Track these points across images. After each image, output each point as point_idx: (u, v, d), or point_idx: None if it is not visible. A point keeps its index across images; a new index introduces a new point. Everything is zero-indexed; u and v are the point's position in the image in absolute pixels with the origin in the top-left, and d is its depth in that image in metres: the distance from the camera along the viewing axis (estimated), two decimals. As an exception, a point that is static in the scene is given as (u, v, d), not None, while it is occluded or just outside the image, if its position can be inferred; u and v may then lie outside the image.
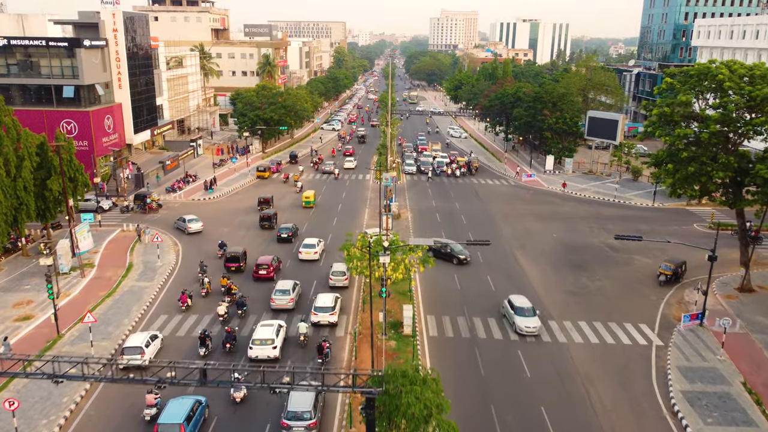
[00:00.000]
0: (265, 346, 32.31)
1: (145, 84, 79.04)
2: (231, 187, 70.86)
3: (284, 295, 38.83)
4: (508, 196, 69.86)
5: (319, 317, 36.36)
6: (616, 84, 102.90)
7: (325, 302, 36.92)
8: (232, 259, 44.99)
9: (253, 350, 32.29)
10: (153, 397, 27.55)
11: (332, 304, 36.83)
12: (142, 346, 31.71)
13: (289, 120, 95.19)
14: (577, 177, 79.46)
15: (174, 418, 25.65)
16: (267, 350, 32.22)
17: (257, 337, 32.65)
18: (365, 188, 73.06)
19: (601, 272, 46.64)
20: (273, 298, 38.81)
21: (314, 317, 36.38)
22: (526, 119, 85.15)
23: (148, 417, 27.41)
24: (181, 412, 25.98)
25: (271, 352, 32.23)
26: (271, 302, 38.75)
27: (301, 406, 26.37)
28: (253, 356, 32.21)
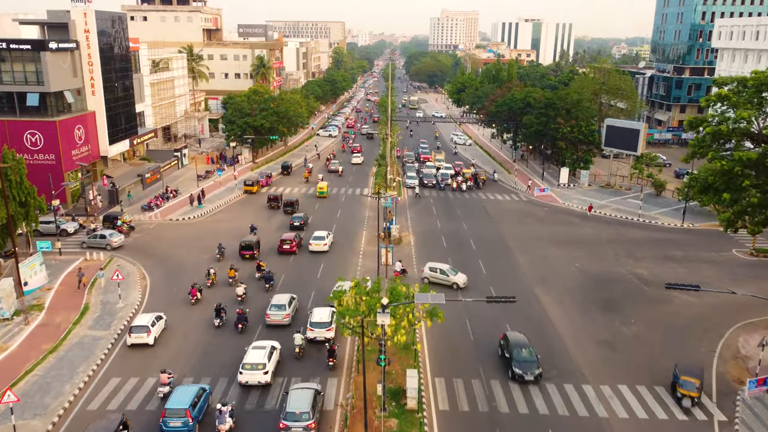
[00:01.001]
0: (255, 371, 30.70)
1: (123, 89, 72.36)
2: (214, 204, 64.15)
3: (280, 310, 37.59)
4: (520, 214, 63.21)
5: (316, 333, 34.86)
6: (632, 88, 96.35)
7: (322, 317, 35.52)
8: (247, 247, 48.27)
9: (243, 375, 30.74)
10: (167, 376, 30.24)
11: (329, 320, 35.21)
12: (148, 325, 34.63)
13: (281, 127, 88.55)
14: (594, 191, 72.81)
15: (180, 404, 27.27)
16: (258, 376, 30.67)
17: (248, 362, 30.98)
18: (362, 205, 66.33)
19: (636, 313, 40.00)
20: (268, 313, 37.67)
21: (310, 333, 34.89)
22: (537, 127, 78.55)
23: (161, 394, 29.81)
24: (187, 399, 27.62)
25: (262, 378, 30.68)
26: (266, 318, 37.57)
27: (299, 407, 26.46)
28: (243, 381, 30.78)
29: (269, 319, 37.34)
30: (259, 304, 39.94)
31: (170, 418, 26.77)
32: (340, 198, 68.90)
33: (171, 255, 48.96)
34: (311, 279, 45.13)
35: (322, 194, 68.76)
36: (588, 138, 74.51)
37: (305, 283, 43.99)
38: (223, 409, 26.83)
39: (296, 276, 45.76)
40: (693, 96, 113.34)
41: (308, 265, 47.89)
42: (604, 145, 74.56)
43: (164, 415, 26.99)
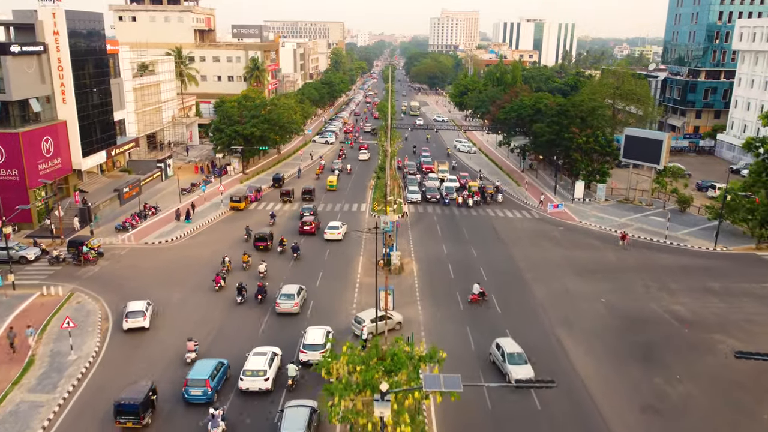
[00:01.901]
0: (256, 377, 30.50)
1: (100, 96, 66.33)
2: (195, 224, 58.10)
3: (289, 299, 39.30)
4: (534, 235, 57.21)
5: (309, 356, 32.84)
6: (648, 93, 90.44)
7: (315, 339, 33.60)
8: (260, 239, 51.22)
9: (244, 382, 30.56)
10: (193, 344, 33.42)
11: (322, 341, 33.32)
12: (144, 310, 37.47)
13: (273, 136, 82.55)
14: (612, 207, 66.83)
15: (201, 375, 29.85)
16: (258, 382, 30.49)
17: (248, 368, 30.78)
18: (359, 224, 60.30)
19: (680, 366, 34.03)
20: (278, 302, 39.37)
21: (303, 356, 33.01)
22: (548, 136, 72.59)
23: (189, 360, 32.84)
24: (207, 370, 30.20)
25: (263, 384, 30.49)
26: (276, 306, 39.36)
27: (294, 426, 25.87)
28: (244, 388, 30.56)
29: (279, 307, 39.22)
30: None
31: (192, 387, 29.63)
32: (334, 216, 62.91)
33: (140, 289, 42.92)
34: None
35: (332, 188, 74.34)
36: (605, 149, 68.56)
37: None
38: (215, 413, 27.14)
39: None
40: (709, 100, 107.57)
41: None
42: (623, 157, 68.54)
43: (186, 384, 29.75)
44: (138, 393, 27.98)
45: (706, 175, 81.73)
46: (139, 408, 27.17)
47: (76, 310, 39.34)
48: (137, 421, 27.27)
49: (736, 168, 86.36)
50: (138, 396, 27.68)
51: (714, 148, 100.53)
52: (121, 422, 27.40)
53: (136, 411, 27.17)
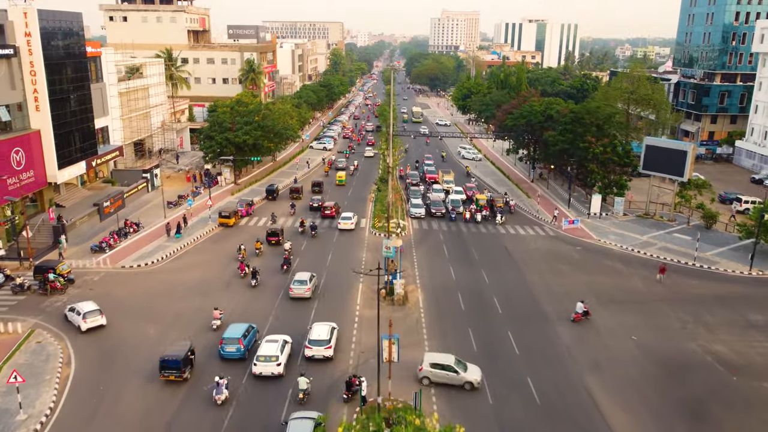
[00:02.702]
0: (269, 362, 32.10)
1: (79, 102, 61.40)
2: (178, 245, 53.11)
3: (302, 285, 42.15)
4: (550, 256, 52.24)
5: (314, 351, 34.19)
6: (664, 98, 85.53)
7: (320, 335, 34.64)
8: (272, 234, 53.43)
9: (258, 367, 32.15)
10: (218, 313, 37.87)
11: (327, 337, 34.59)
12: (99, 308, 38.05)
13: (266, 143, 77.61)
14: (631, 223, 61.93)
15: (235, 334, 34.28)
16: (271, 367, 32.08)
17: (262, 354, 32.40)
18: (359, 244, 55.39)
19: (731, 424, 29.15)
20: (291, 287, 42.25)
21: (308, 351, 34.30)
22: (561, 145, 67.70)
23: (215, 326, 37.12)
24: (240, 331, 34.58)
25: (275, 369, 32.10)
26: (290, 291, 42.21)
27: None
28: (258, 372, 32.12)
29: (292, 292, 42.09)
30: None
31: (227, 344, 33.72)
32: (331, 235, 57.99)
33: (109, 325, 38.01)
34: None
35: (341, 182, 78.55)
36: (624, 159, 63.66)
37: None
38: (220, 382, 29.71)
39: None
40: (725, 104, 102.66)
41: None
42: (643, 168, 63.59)
43: (222, 342, 33.94)
44: (179, 350, 31.73)
45: (726, 185, 76.90)
46: (180, 363, 30.89)
47: (35, 352, 34.40)
48: (178, 374, 30.96)
49: (759, 178, 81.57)
50: (180, 353, 31.38)
51: (732, 156, 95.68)
52: (165, 376, 31.10)
53: (178, 366, 30.85)
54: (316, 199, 66.18)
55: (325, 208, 62.89)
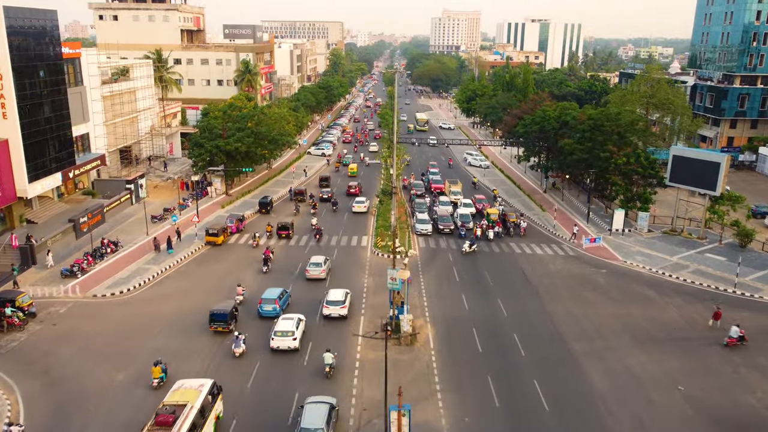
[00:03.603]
0: (285, 337, 34.70)
1: (54, 109, 56.16)
2: (159, 267, 47.79)
3: (317, 267, 46.04)
4: (573, 281, 46.94)
5: (330, 310, 39.06)
6: (685, 103, 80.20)
7: (336, 297, 39.59)
8: (283, 227, 55.38)
9: (275, 341, 34.71)
10: (241, 289, 41.51)
11: (342, 299, 39.54)
12: None
13: (260, 151, 72.31)
14: (657, 240, 56.66)
15: (272, 296, 39.57)
16: (287, 341, 34.65)
17: (279, 329, 35.06)
18: (360, 267, 50.08)
19: None
20: (308, 269, 46.12)
21: (326, 310, 39.14)
22: (580, 155, 62.45)
23: (238, 301, 40.07)
24: (276, 293, 39.85)
25: (291, 343, 34.61)
26: (306, 273, 45.99)
27: (314, 422, 26.24)
28: (275, 347, 34.66)
29: (308, 274, 45.94)
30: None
31: (265, 304, 39.32)
32: (329, 253, 52.74)
33: (71, 370, 32.81)
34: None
35: (353, 174, 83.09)
36: (648, 171, 58.39)
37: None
38: (239, 337, 34.26)
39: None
40: (745, 108, 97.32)
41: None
42: (669, 181, 58.31)
43: (260, 302, 39.46)
44: (226, 306, 36.86)
45: (753, 196, 71.37)
46: (227, 317, 35.88)
47: (-24, 410, 29.13)
48: (225, 326, 35.94)
49: (788, 188, 76.35)
50: (226, 308, 36.50)
51: (755, 163, 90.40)
52: (214, 327, 36.19)
53: (224, 319, 35.85)
54: (325, 191, 70.21)
55: (350, 187, 73.10)
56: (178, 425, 23.97)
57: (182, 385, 27.42)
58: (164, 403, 25.77)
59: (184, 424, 24.19)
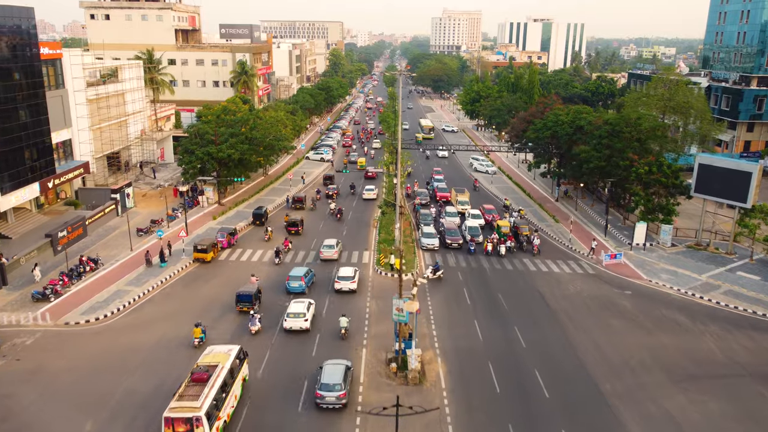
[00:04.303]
0: (298, 318, 37.32)
1: (31, 114, 52.11)
2: (141, 289, 43.58)
3: (330, 248, 50.37)
4: (595, 304, 42.75)
5: (341, 285, 43.52)
6: (705, 106, 75.96)
7: (347, 273, 44.25)
8: (292, 224, 56.62)
9: (288, 322, 37.28)
10: (255, 279, 43.46)
11: (352, 275, 44.13)
12: None
13: (255, 158, 68.20)
14: (682, 256, 52.48)
15: (298, 273, 43.27)
16: (299, 322, 37.26)
17: (291, 311, 37.70)
18: (361, 290, 45.88)
19: None
20: (321, 251, 50.40)
21: (337, 285, 43.60)
22: (597, 162, 58.30)
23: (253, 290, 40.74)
24: (302, 272, 43.69)
25: (303, 324, 37.21)
26: (320, 254, 50.20)
27: (332, 379, 29.44)
28: (288, 327, 37.28)
29: (323, 255, 49.68)
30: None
31: (292, 281, 43.04)
32: (328, 269, 48.52)
33: (32, 416, 28.63)
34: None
35: (362, 167, 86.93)
36: (672, 181, 54.21)
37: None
38: (255, 316, 37.24)
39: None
40: (762, 111, 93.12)
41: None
42: (695, 191, 54.16)
43: (288, 279, 43.33)
44: (251, 288, 40.00)
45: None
46: (252, 297, 39.01)
47: None
48: (250, 306, 38.87)
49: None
50: (251, 290, 39.59)
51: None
52: (239, 307, 39.22)
53: (249, 300, 39.01)
54: (331, 188, 71.51)
55: (368, 171, 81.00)
56: (212, 382, 27.02)
57: (213, 350, 30.88)
58: (198, 363, 29.12)
59: (217, 381, 27.33)
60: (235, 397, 29.20)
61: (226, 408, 27.51)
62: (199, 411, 25.13)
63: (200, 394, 25.99)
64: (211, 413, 25.84)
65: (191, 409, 25.17)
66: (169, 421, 25.03)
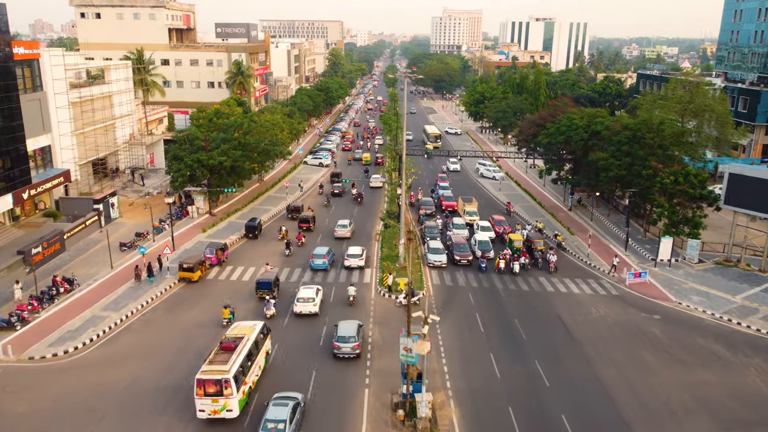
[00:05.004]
0: (307, 303, 39.65)
1: (3, 119, 47.94)
2: (118, 315, 39.27)
3: (344, 228, 55.98)
4: (622, 333, 38.44)
5: (350, 262, 48.01)
6: (727, 109, 71.71)
7: (355, 251, 48.79)
8: (303, 220, 58.04)
9: (298, 306, 39.61)
10: (269, 267, 46.46)
11: (360, 253, 48.67)
12: None
13: (248, 165, 63.98)
14: (712, 274, 48.23)
15: (321, 252, 48.40)
16: (309, 306, 39.60)
17: (301, 296, 39.94)
18: (361, 311, 41.65)
19: None
20: (336, 229, 56.06)
21: (346, 262, 48.11)
22: (617, 171, 54.04)
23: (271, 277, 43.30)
24: (324, 251, 48.49)
25: (312, 309, 39.60)
26: (334, 233, 55.78)
27: (347, 333, 34.47)
28: (298, 311, 39.59)
29: (336, 233, 55.85)
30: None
31: (316, 258, 47.59)
32: (326, 289, 44.32)
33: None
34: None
35: (367, 162, 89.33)
36: (699, 192, 49.94)
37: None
38: (270, 301, 39.70)
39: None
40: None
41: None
42: (725, 203, 49.91)
43: (312, 257, 47.74)
44: (270, 276, 43.43)
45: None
46: (271, 284, 42.02)
47: None
48: (269, 292, 41.73)
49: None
50: (270, 277, 42.87)
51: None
52: (259, 293, 42.08)
53: (269, 287, 41.99)
54: (336, 186, 72.55)
55: (377, 157, 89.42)
56: (239, 350, 29.74)
57: (239, 324, 33.67)
58: (226, 336, 31.74)
59: (243, 350, 29.98)
60: (259, 367, 31.98)
61: (251, 375, 30.27)
62: (228, 374, 27.82)
63: (228, 360, 28.74)
64: (238, 377, 28.40)
65: (221, 372, 27.88)
66: (201, 382, 27.69)
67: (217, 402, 27.60)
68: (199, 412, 27.88)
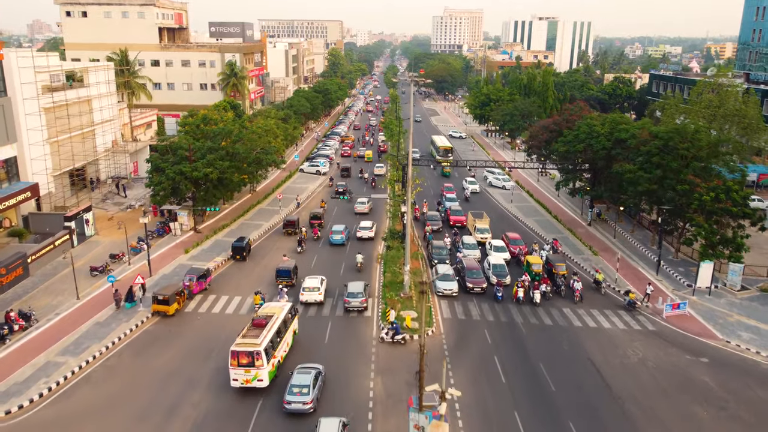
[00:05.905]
0: (313, 292, 41.31)
1: (-44, 129, 42.34)
2: (77, 361, 33.49)
3: (363, 204, 63.35)
4: (667, 381, 32.77)
5: (362, 233, 54.62)
6: (760, 114, 66.03)
7: (366, 225, 55.57)
8: (315, 217, 58.09)
9: (304, 296, 41.17)
10: (286, 259, 47.61)
11: (371, 225, 55.55)
12: None
13: (237, 177, 58.39)
14: (759, 304, 42.59)
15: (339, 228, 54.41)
16: (314, 296, 41.25)
17: (307, 286, 41.69)
18: (360, 354, 36.02)
19: None
20: (356, 206, 63.91)
21: (358, 233, 54.62)
22: (646, 185, 48.35)
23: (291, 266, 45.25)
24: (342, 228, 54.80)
25: (317, 298, 41.23)
26: (355, 209, 63.58)
27: (355, 289, 40.30)
28: (304, 300, 41.06)
29: (357, 209, 63.39)
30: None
31: (335, 234, 53.24)
32: (322, 323, 38.72)
33: None
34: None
35: (369, 159, 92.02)
36: (742, 210, 44.26)
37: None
38: (283, 290, 41.48)
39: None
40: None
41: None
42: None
43: (331, 233, 53.62)
44: (289, 264, 45.15)
45: None
46: (290, 272, 44.07)
47: None
48: (288, 279, 43.78)
49: None
50: (290, 266, 44.72)
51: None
52: (279, 281, 43.72)
53: (288, 274, 43.94)
54: (340, 185, 72.53)
55: (380, 146, 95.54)
56: (269, 327, 32.23)
57: (269, 305, 36.02)
58: (257, 314, 34.36)
59: (273, 326, 32.49)
60: (287, 344, 34.00)
61: (279, 350, 32.43)
62: (259, 347, 30.15)
63: (260, 335, 31.24)
64: (268, 351, 30.62)
65: (253, 345, 30.25)
66: (234, 354, 29.96)
67: (249, 372, 29.85)
68: (233, 381, 30.09)
